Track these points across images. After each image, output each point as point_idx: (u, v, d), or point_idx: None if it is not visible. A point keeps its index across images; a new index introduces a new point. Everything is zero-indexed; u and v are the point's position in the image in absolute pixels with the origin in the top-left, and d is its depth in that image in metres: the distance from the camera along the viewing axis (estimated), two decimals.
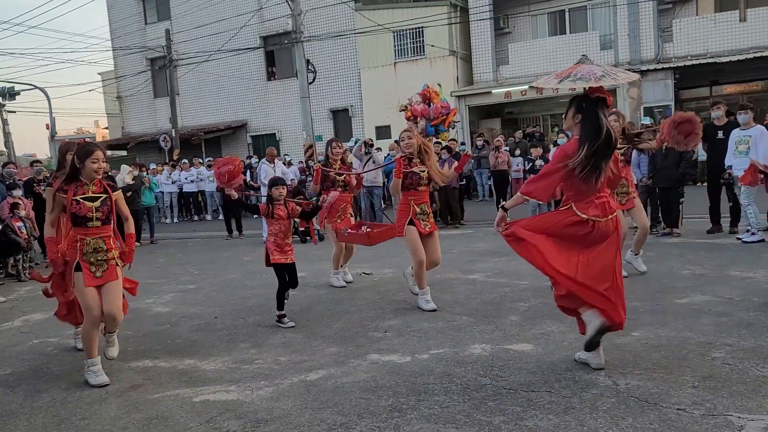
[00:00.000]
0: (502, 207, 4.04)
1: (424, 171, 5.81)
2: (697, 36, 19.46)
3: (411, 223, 5.86)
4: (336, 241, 7.01)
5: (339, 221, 7.02)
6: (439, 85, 16.45)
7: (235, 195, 5.78)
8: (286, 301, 5.73)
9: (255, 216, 6.39)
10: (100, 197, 4.37)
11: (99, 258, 4.34)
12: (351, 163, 7.17)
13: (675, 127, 5.67)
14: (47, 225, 4.50)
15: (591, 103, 3.77)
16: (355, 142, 14.13)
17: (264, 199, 5.95)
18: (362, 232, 6.67)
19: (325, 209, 6.57)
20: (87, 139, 4.75)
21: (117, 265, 4.43)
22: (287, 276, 5.67)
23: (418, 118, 15.35)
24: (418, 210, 5.86)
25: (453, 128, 16.73)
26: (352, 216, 7.31)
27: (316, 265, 8.46)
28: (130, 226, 4.68)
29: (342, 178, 7.07)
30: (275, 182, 5.78)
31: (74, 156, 4.34)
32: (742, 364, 3.83)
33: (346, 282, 7.32)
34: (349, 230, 6.79)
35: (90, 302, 4.30)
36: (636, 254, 6.83)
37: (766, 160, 7.94)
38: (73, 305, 4.95)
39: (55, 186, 4.58)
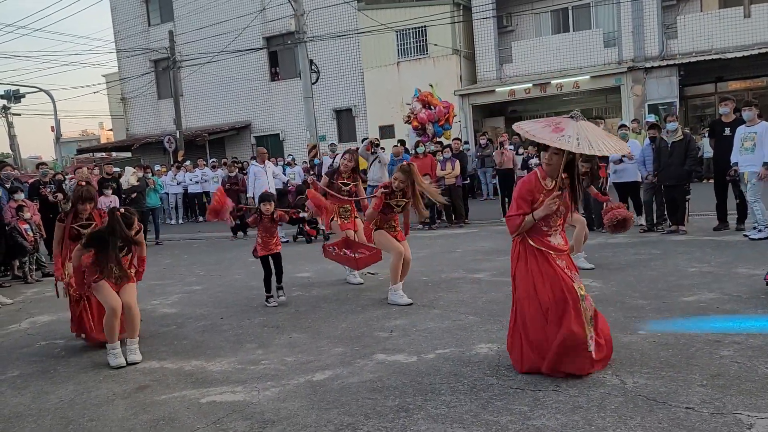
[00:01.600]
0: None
1: (399, 207, 6.29)
2: (701, 32, 19.38)
3: (378, 228, 6.38)
4: (340, 234, 7.23)
5: (346, 221, 7.26)
6: (431, 85, 16.43)
7: (232, 222, 6.24)
8: (283, 296, 6.59)
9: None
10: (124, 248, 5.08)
11: (118, 274, 5.06)
12: (363, 171, 7.39)
13: (610, 223, 7.12)
14: (75, 259, 5.11)
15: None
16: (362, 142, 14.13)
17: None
18: (351, 256, 6.86)
19: (316, 213, 6.92)
20: (120, 210, 5.11)
21: (132, 278, 5.18)
22: (272, 262, 6.51)
23: (425, 125, 15.35)
24: (385, 226, 6.38)
25: (451, 126, 16.65)
26: (357, 218, 7.42)
27: (321, 265, 8.46)
28: (143, 251, 5.32)
29: (348, 189, 7.31)
30: (264, 198, 6.56)
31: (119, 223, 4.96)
32: (750, 362, 3.81)
33: (354, 283, 7.36)
34: (337, 250, 7.01)
35: (111, 300, 4.92)
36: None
37: None
38: (82, 321, 5.51)
39: (67, 222, 5.47)
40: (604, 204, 8.32)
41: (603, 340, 3.90)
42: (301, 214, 7.54)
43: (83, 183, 5.73)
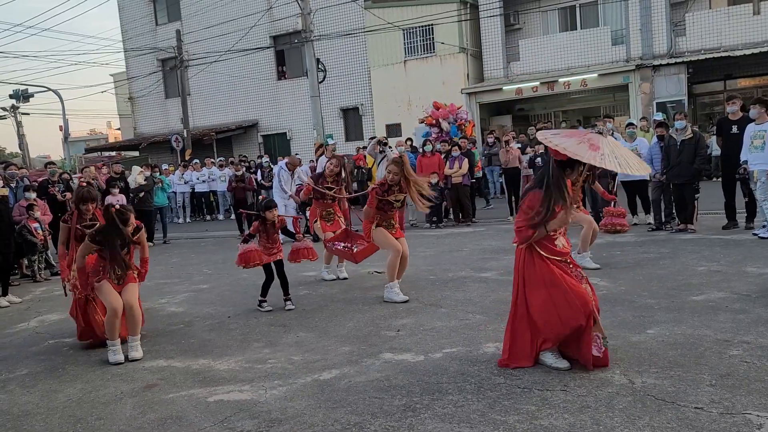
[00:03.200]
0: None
1: (398, 201, 6.38)
2: (710, 30, 19.25)
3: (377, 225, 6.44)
4: (323, 235, 7.44)
5: (329, 224, 7.46)
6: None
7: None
8: (291, 306, 6.30)
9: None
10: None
11: (119, 274, 5.16)
12: (345, 179, 7.70)
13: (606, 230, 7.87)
14: (80, 258, 5.26)
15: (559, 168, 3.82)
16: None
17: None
18: (350, 250, 6.95)
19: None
20: (115, 206, 5.24)
21: (134, 276, 5.28)
22: (275, 269, 6.36)
23: (440, 119, 15.41)
24: (384, 223, 6.43)
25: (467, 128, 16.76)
26: (340, 218, 7.64)
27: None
28: (146, 252, 5.44)
29: (333, 192, 7.48)
30: (269, 205, 6.38)
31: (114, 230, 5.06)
32: (760, 362, 3.78)
33: (341, 278, 7.62)
34: (336, 245, 7.12)
35: (112, 300, 5.01)
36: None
37: None
38: (89, 324, 5.53)
39: (72, 223, 5.53)
40: (612, 203, 8.30)
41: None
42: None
43: (84, 184, 5.81)
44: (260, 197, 6.49)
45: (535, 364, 4.02)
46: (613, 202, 8.42)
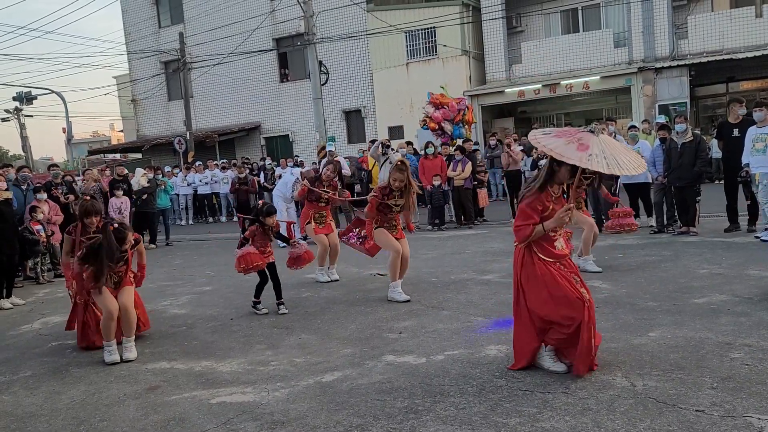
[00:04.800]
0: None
1: (398, 206, 6.45)
2: (712, 32, 19.25)
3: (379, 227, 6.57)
4: (320, 241, 7.63)
5: (321, 226, 7.66)
6: (443, 87, 16.43)
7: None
8: (285, 310, 6.28)
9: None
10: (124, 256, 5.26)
11: (115, 281, 5.29)
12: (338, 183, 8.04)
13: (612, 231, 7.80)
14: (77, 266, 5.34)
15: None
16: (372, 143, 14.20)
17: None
18: (363, 245, 7.02)
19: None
20: (113, 224, 5.38)
21: (130, 280, 5.40)
22: (268, 271, 6.36)
23: (442, 123, 15.38)
24: (385, 225, 6.53)
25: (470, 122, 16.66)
26: (332, 221, 7.93)
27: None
28: (143, 258, 5.69)
29: (327, 197, 7.66)
30: (270, 212, 6.42)
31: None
32: (761, 365, 3.79)
33: (332, 279, 7.72)
34: (350, 238, 7.18)
35: (108, 304, 5.08)
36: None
37: None
38: (86, 328, 5.62)
39: (76, 234, 5.60)
40: (615, 204, 8.30)
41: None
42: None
43: (87, 198, 5.89)
44: (260, 201, 6.46)
45: (533, 363, 4.03)
46: (615, 204, 8.42)
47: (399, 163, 6.49)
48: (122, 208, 12.26)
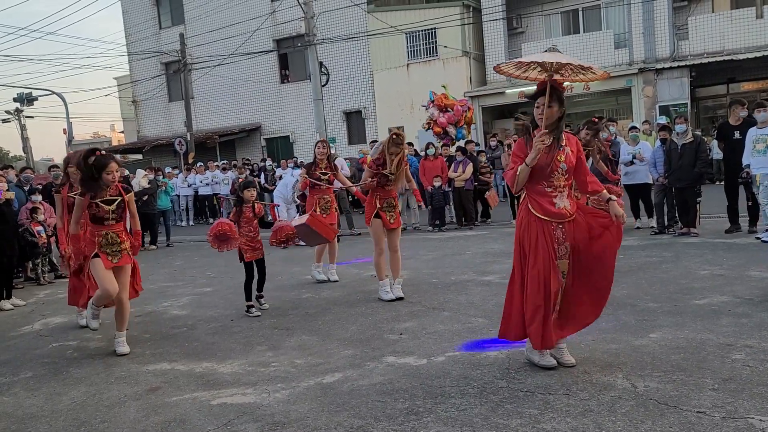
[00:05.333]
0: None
1: (393, 175, 6.47)
2: (713, 33, 19.26)
3: (378, 216, 6.49)
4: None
5: (325, 215, 7.54)
6: (444, 86, 16.42)
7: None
8: (265, 305, 6.45)
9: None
10: (116, 200, 5.18)
11: (114, 249, 5.17)
12: (335, 164, 8.09)
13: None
14: (73, 223, 5.35)
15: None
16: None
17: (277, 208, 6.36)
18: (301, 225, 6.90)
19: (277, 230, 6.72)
20: (100, 150, 5.22)
21: (129, 254, 5.29)
22: (256, 267, 6.35)
23: (447, 128, 15.41)
24: (384, 204, 6.50)
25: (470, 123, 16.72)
26: (336, 210, 7.87)
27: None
28: (137, 224, 5.47)
29: (327, 177, 7.67)
30: (247, 184, 6.36)
31: (93, 166, 5.00)
32: (763, 366, 3.78)
33: (332, 280, 7.70)
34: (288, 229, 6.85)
35: (106, 284, 5.10)
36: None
37: None
38: (81, 289, 5.99)
39: (64, 193, 5.75)
40: (616, 183, 8.19)
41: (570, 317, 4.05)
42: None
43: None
44: (239, 179, 6.39)
45: (523, 339, 4.10)
46: (616, 182, 8.32)
47: (394, 136, 6.45)
48: None
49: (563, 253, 3.99)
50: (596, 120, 6.00)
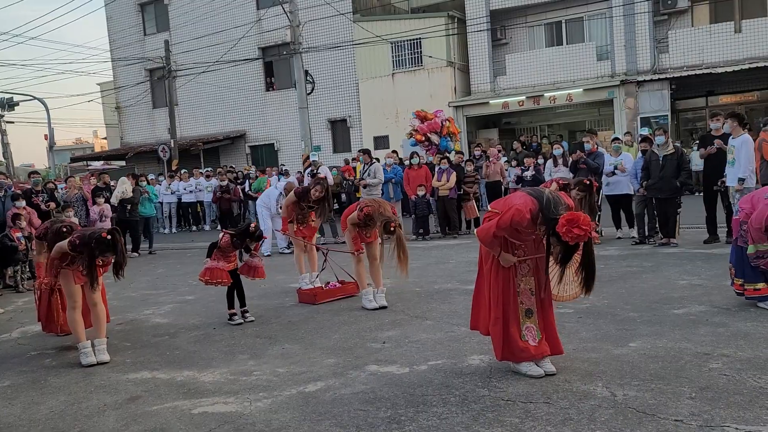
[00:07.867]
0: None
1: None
2: (692, 47, 19.60)
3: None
4: (297, 243, 7.79)
5: (302, 227, 7.72)
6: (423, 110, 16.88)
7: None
8: (248, 316, 6.39)
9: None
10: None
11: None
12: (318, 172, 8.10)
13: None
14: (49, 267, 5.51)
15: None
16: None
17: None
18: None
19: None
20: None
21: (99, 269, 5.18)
22: (232, 278, 6.34)
23: (428, 134, 15.51)
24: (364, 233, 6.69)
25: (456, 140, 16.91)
26: (314, 221, 7.89)
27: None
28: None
29: (308, 214, 7.70)
30: (259, 238, 6.37)
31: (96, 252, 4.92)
32: (739, 375, 3.85)
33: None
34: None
35: (71, 287, 5.13)
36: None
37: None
38: (51, 315, 5.89)
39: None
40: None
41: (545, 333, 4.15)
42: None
43: (65, 230, 5.45)
44: (252, 225, 6.35)
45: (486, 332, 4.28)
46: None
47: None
48: (104, 213, 12.13)
49: (525, 272, 4.14)
50: (587, 182, 6.04)
